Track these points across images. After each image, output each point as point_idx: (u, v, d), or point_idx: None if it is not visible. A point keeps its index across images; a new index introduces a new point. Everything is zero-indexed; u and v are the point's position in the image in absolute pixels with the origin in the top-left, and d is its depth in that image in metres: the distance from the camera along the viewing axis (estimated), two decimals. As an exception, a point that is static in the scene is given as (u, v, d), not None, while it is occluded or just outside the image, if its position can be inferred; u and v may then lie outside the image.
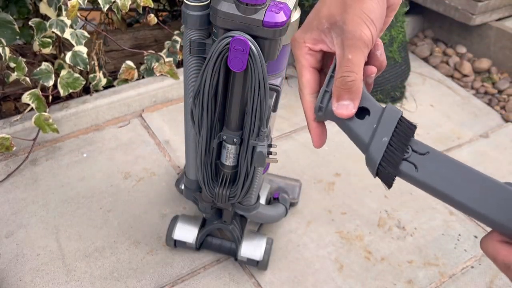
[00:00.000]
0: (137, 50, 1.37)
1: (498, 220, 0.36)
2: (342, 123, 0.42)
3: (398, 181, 0.41)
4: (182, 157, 1.23)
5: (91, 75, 1.25)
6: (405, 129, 0.41)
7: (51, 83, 1.13)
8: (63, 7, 1.08)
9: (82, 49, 1.15)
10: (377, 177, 0.41)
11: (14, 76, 1.09)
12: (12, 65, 1.07)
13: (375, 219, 1.13)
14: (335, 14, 0.42)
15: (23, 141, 1.17)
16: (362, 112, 0.42)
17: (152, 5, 1.19)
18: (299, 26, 0.76)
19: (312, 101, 0.45)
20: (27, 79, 1.10)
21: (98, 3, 1.12)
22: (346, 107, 0.42)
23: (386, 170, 0.40)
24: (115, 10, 1.16)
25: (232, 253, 0.98)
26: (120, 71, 1.33)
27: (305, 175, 1.21)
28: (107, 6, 1.11)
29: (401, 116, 0.41)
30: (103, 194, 1.12)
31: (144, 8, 1.24)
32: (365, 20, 0.41)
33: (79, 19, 1.17)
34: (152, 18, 1.24)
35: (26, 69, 1.10)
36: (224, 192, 0.83)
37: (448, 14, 1.71)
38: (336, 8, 0.42)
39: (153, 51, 1.36)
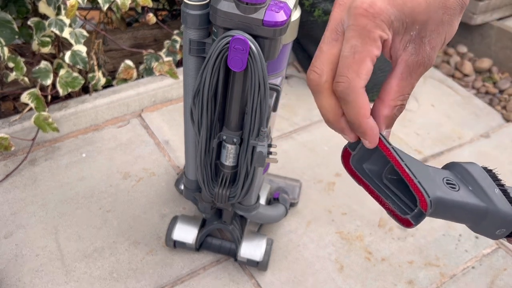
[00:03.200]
0: (136, 49, 1.37)
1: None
2: (452, 204, 0.35)
3: None
4: (182, 157, 1.22)
5: (90, 75, 1.25)
6: (491, 175, 0.39)
7: (49, 82, 1.13)
8: (62, 6, 1.07)
9: (82, 48, 1.14)
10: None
11: (12, 76, 1.09)
12: (11, 65, 1.06)
13: (376, 219, 1.12)
14: (434, 24, 0.34)
15: (22, 141, 1.16)
16: (448, 184, 0.36)
17: (151, 4, 1.18)
18: (300, 26, 0.76)
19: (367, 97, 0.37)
20: (26, 79, 1.10)
21: (98, 3, 1.11)
22: (388, 135, 0.37)
23: None
24: (114, 9, 1.15)
25: (232, 254, 0.98)
26: (119, 70, 1.32)
27: (305, 175, 1.21)
28: (107, 5, 1.11)
29: (482, 167, 0.39)
30: (102, 194, 1.11)
31: (143, 7, 1.24)
32: (441, 45, 0.35)
33: (78, 19, 1.16)
34: (151, 18, 1.23)
35: (25, 69, 1.09)
36: (224, 192, 0.82)
37: (449, 13, 1.70)
38: (436, 17, 0.34)
39: (152, 51, 1.35)
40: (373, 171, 0.38)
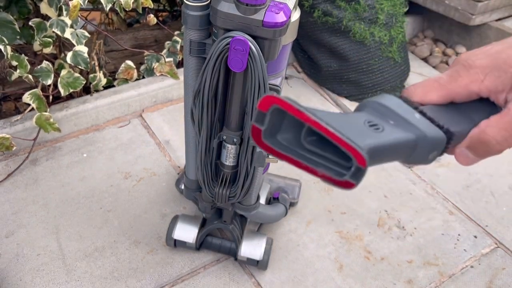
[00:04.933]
0: (138, 50, 1.37)
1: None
2: (383, 147, 0.32)
3: (399, 181, 0.39)
4: (182, 157, 1.23)
5: (91, 75, 1.26)
6: (404, 100, 0.36)
7: (49, 82, 1.13)
8: (63, 7, 1.08)
9: (83, 49, 1.15)
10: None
11: (16, 74, 1.09)
12: (14, 63, 1.07)
13: (375, 219, 1.13)
14: None
15: (24, 141, 1.17)
16: (371, 126, 0.34)
17: (152, 5, 1.19)
18: (299, 26, 0.76)
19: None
20: (30, 76, 1.11)
21: (99, 3, 1.12)
22: (468, 160, 0.36)
23: (455, 134, 0.35)
24: (117, 9, 1.15)
25: (232, 253, 0.98)
26: (119, 70, 1.33)
27: (304, 175, 1.21)
28: (109, 6, 1.11)
29: (394, 95, 0.36)
30: (103, 194, 1.12)
31: (144, 8, 1.25)
32: None
33: (79, 19, 1.17)
34: (152, 19, 1.24)
35: (29, 66, 1.10)
36: (224, 192, 0.83)
37: (448, 14, 1.71)
38: None
39: (153, 51, 1.36)
40: (290, 140, 0.33)
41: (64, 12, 1.09)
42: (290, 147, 0.33)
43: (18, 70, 1.08)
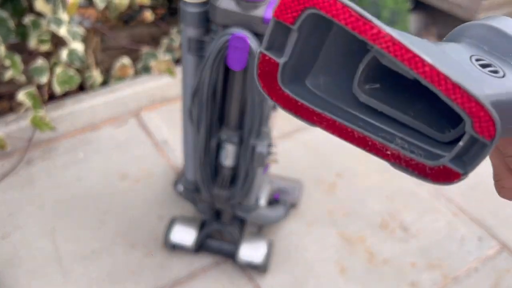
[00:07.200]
0: (135, 45, 1.35)
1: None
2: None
3: (402, 182, 0.37)
4: (180, 157, 1.21)
5: (87, 74, 1.23)
6: None
7: (45, 79, 1.11)
8: (60, 4, 1.06)
9: (79, 47, 1.13)
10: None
11: (9, 74, 1.07)
12: (7, 63, 1.05)
13: (378, 220, 1.11)
14: None
15: (19, 141, 1.15)
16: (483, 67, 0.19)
17: (148, 2, 1.17)
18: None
19: None
20: (23, 77, 1.09)
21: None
22: None
23: None
24: (112, 7, 1.13)
25: (232, 256, 0.97)
26: (114, 67, 1.30)
27: (306, 175, 1.19)
28: (103, 5, 1.09)
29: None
30: (99, 195, 1.10)
31: (140, 5, 1.22)
32: None
33: (75, 16, 1.14)
34: (148, 16, 1.22)
35: (22, 67, 1.08)
36: (223, 193, 0.81)
37: (452, 11, 1.69)
38: None
39: (150, 49, 1.33)
40: (330, 87, 0.19)
41: (61, 9, 1.06)
42: (330, 100, 0.19)
43: (11, 71, 1.06)
